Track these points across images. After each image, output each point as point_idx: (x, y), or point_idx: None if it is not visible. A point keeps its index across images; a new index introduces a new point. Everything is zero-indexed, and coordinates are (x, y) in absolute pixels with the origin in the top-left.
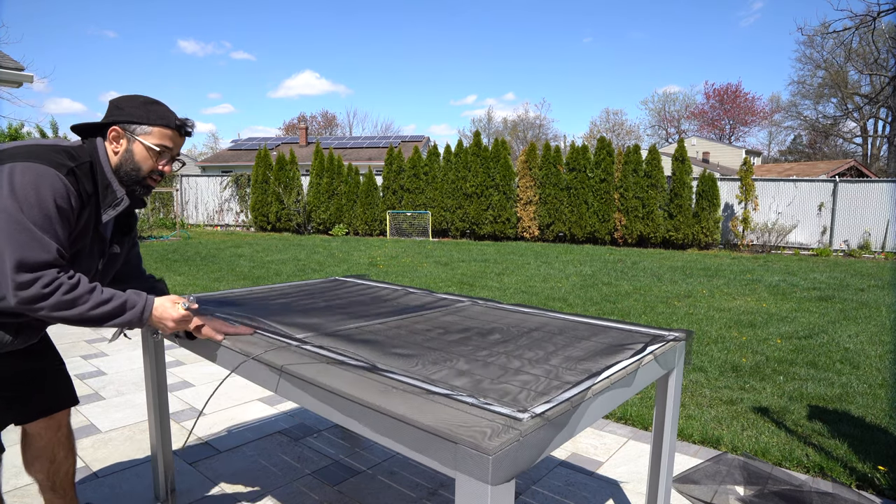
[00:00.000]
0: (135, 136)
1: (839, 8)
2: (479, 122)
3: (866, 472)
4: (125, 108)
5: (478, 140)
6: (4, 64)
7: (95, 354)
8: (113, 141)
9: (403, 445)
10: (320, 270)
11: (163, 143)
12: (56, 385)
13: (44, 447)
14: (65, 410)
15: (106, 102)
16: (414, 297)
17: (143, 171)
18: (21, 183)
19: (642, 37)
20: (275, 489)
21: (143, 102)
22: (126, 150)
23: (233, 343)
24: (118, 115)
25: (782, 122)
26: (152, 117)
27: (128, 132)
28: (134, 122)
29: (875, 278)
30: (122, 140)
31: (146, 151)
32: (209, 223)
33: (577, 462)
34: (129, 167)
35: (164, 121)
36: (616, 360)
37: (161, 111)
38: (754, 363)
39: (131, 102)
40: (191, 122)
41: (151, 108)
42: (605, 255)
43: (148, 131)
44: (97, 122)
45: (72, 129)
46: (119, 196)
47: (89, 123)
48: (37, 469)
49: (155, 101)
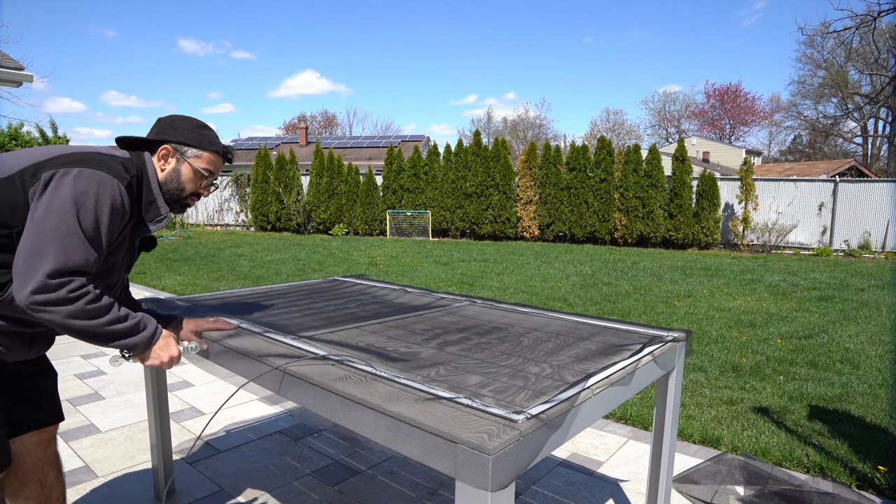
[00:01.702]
0: (185, 157)
1: (839, 8)
2: (479, 121)
3: (866, 472)
4: (180, 129)
5: (478, 140)
6: (4, 63)
7: (95, 354)
8: (162, 158)
9: (403, 446)
10: (320, 270)
11: (209, 167)
12: (50, 395)
13: (33, 468)
14: (55, 425)
15: (106, 102)
16: (413, 296)
17: (187, 191)
18: (84, 188)
19: (643, 36)
20: (275, 489)
21: (197, 126)
22: (174, 170)
23: (240, 345)
24: (171, 135)
25: (782, 122)
26: (204, 142)
27: (178, 153)
28: (187, 144)
29: (875, 278)
30: (171, 159)
31: (193, 174)
32: (209, 223)
33: (577, 462)
34: (173, 186)
35: (214, 147)
36: (615, 360)
37: (212, 137)
38: (754, 363)
39: (186, 125)
40: (232, 150)
41: (204, 133)
42: (605, 255)
43: (198, 155)
44: (143, 137)
45: (117, 140)
46: (163, 212)
47: (135, 137)
48: (25, 497)
49: (207, 126)
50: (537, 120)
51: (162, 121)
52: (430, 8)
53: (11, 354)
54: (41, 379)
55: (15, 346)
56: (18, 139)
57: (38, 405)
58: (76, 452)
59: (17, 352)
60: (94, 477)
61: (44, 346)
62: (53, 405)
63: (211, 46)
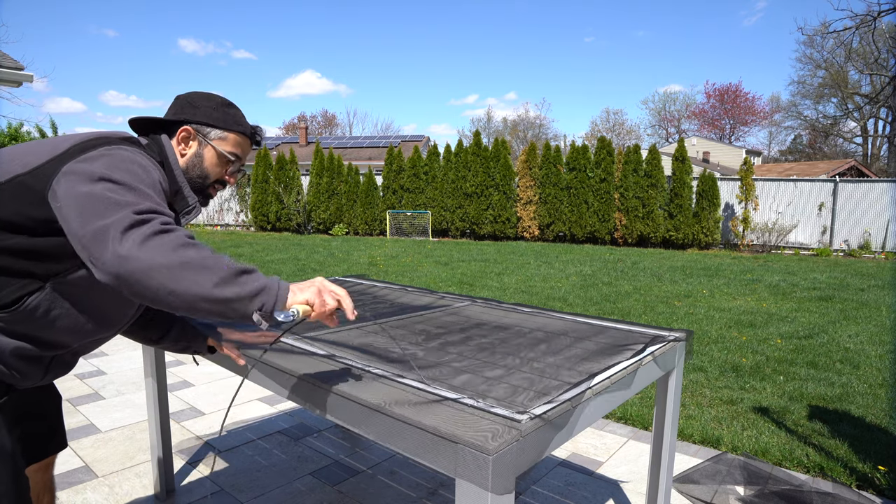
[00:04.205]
0: (208, 139)
1: (839, 8)
2: (479, 121)
3: (866, 472)
4: (201, 107)
5: (478, 140)
6: (4, 63)
7: (95, 354)
8: (182, 142)
9: (403, 446)
10: (320, 270)
11: (236, 150)
12: (57, 421)
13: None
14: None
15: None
16: (414, 296)
17: (210, 178)
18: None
19: (645, 36)
20: (275, 489)
21: (220, 104)
22: (196, 154)
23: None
24: (192, 115)
25: (782, 122)
26: (230, 122)
27: (200, 135)
28: (209, 124)
29: (875, 278)
30: (192, 142)
31: (217, 158)
32: (209, 223)
33: (577, 462)
34: (196, 173)
35: (241, 127)
36: (616, 360)
37: (238, 116)
38: (754, 363)
39: (208, 102)
40: (261, 131)
41: (230, 111)
42: (605, 255)
43: (223, 136)
44: (160, 118)
45: (130, 122)
46: (191, 202)
47: (150, 118)
48: None
49: (232, 104)
50: (537, 120)
51: (181, 98)
52: (430, 8)
53: (25, 380)
54: (51, 403)
55: (30, 370)
56: (18, 139)
57: (47, 431)
58: (76, 452)
59: (31, 377)
60: (94, 477)
61: (61, 370)
62: (59, 431)
63: (211, 46)
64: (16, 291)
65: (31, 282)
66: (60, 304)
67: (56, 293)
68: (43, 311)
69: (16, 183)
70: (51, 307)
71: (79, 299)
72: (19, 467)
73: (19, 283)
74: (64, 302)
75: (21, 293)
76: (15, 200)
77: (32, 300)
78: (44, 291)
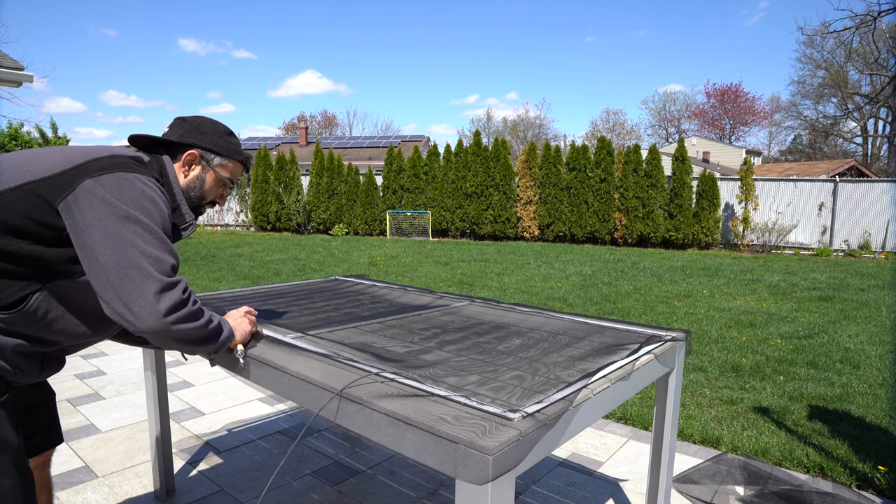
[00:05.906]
0: (211, 165)
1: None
2: (479, 121)
3: (866, 472)
4: (207, 133)
5: (478, 140)
6: (4, 63)
7: (95, 354)
8: (186, 164)
9: (403, 445)
10: (320, 270)
11: (233, 177)
12: (52, 417)
13: None
14: (53, 448)
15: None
16: (413, 296)
17: (207, 199)
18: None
19: (645, 35)
20: (275, 489)
21: (224, 132)
22: (198, 177)
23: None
24: (199, 140)
25: (782, 122)
26: (232, 150)
27: (204, 160)
28: (214, 151)
29: (875, 278)
30: (195, 166)
31: (216, 182)
32: (209, 223)
33: (577, 462)
34: (195, 194)
35: (240, 156)
36: (614, 359)
37: (238, 145)
38: (754, 363)
39: (213, 129)
40: (252, 160)
41: (232, 140)
42: (605, 255)
43: (224, 164)
44: (162, 138)
45: (130, 139)
46: (189, 220)
47: (151, 136)
48: None
49: (233, 133)
50: (537, 120)
51: (187, 122)
52: (430, 8)
53: (23, 377)
54: (45, 400)
55: (29, 367)
56: (18, 139)
57: (43, 427)
58: (76, 452)
59: (29, 374)
60: (94, 477)
61: (56, 367)
62: (54, 427)
63: (211, 46)
64: (17, 293)
65: (30, 283)
66: (57, 307)
67: (53, 296)
68: (42, 313)
69: (25, 190)
70: (49, 309)
71: (74, 304)
72: (24, 461)
73: (20, 285)
74: (60, 305)
75: (23, 293)
76: (23, 207)
77: (33, 302)
78: (42, 293)
